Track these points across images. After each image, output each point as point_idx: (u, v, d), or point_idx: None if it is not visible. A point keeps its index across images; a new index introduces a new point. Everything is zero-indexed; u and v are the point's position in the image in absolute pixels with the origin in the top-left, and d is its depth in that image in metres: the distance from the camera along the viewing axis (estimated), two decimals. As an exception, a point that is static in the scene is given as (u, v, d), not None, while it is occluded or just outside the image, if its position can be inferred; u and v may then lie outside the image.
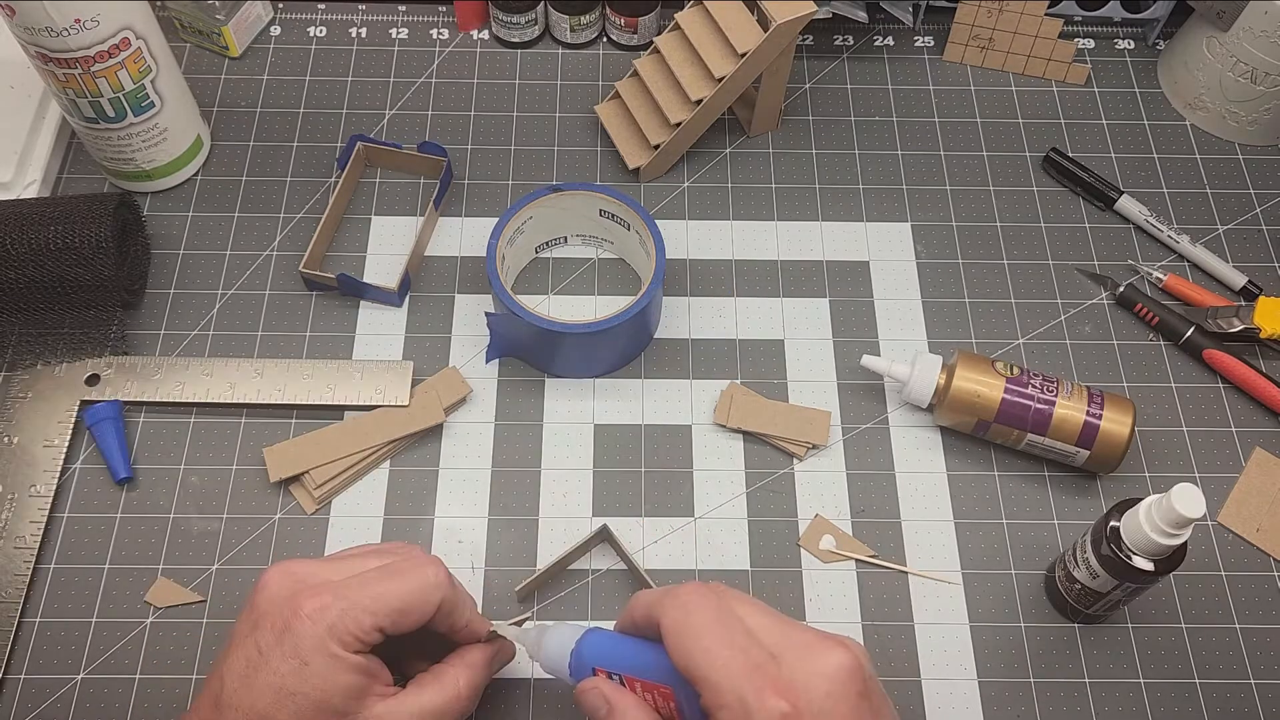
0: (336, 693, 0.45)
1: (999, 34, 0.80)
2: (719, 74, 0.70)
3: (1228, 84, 0.76)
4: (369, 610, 0.46)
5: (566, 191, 0.68)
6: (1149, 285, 0.73)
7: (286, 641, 0.45)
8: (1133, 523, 0.53)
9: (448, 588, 0.49)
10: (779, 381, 0.68)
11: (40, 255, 0.64)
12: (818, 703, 0.40)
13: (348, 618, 0.46)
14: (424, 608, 0.48)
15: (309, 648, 0.45)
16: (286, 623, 0.46)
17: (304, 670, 0.45)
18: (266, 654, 0.46)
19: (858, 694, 0.41)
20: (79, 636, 0.59)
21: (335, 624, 0.46)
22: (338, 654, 0.46)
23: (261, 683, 0.45)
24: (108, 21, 0.63)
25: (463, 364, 0.68)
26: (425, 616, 0.48)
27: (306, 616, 0.46)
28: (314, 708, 0.45)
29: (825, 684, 0.40)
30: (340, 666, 0.46)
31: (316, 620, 0.46)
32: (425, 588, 0.48)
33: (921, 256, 0.73)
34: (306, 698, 0.45)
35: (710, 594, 0.44)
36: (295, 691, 0.45)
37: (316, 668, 0.45)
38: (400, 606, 0.47)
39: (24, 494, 0.62)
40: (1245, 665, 0.60)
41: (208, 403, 0.65)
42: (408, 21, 0.83)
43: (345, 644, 0.46)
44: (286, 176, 0.75)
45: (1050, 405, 0.62)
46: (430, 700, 0.48)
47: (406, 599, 0.48)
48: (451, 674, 0.50)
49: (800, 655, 0.41)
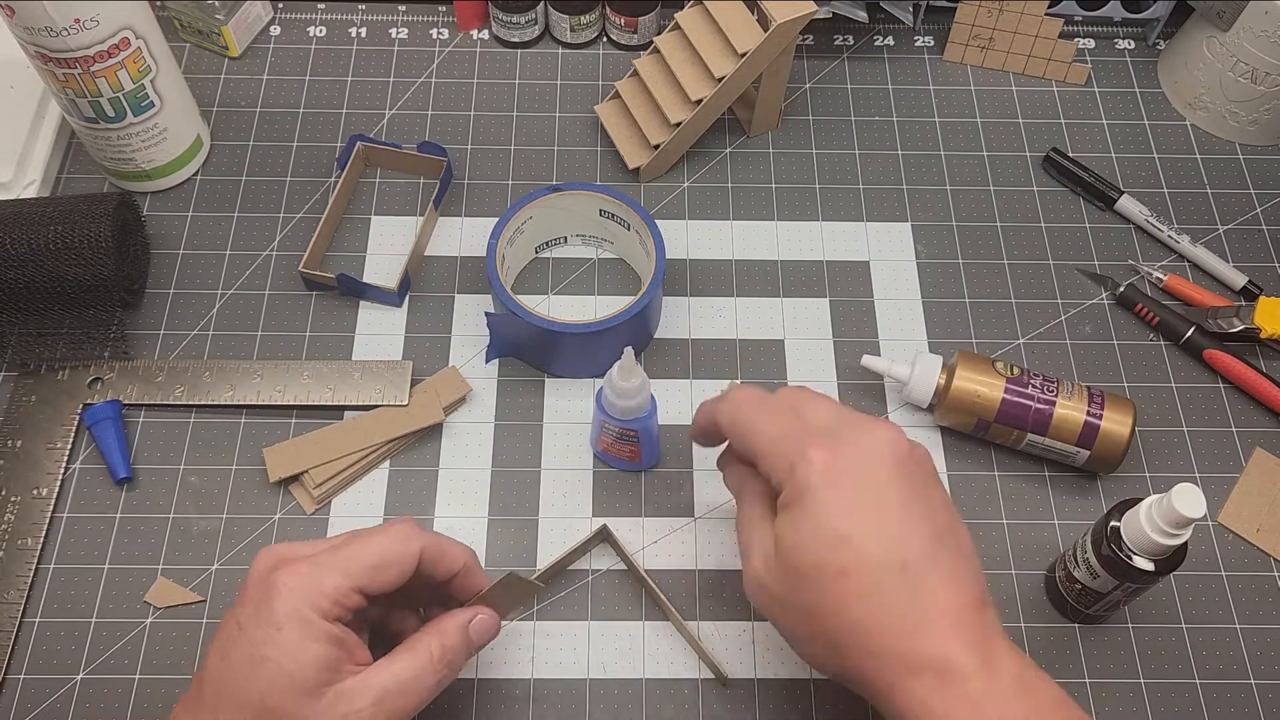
0: (308, 662, 0.45)
1: (999, 34, 0.80)
2: (719, 74, 0.70)
3: (1228, 84, 0.76)
4: (344, 571, 0.46)
5: (566, 191, 0.68)
6: (1149, 285, 0.73)
7: (263, 611, 0.46)
8: (1133, 523, 0.53)
9: (424, 537, 0.49)
10: (779, 381, 0.68)
11: (40, 255, 0.64)
12: (857, 457, 0.46)
13: (324, 582, 0.46)
14: (402, 561, 0.48)
15: (283, 615, 0.45)
16: (265, 594, 0.46)
17: (277, 637, 0.45)
18: (244, 626, 0.46)
19: (894, 460, 0.46)
20: (79, 636, 0.59)
21: (311, 590, 0.46)
22: (311, 620, 0.45)
23: (238, 654, 0.45)
24: (107, 21, 0.63)
25: (462, 364, 0.68)
26: (406, 568, 0.48)
27: (283, 586, 0.46)
28: (286, 677, 0.45)
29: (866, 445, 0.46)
30: (313, 634, 0.45)
31: (293, 588, 0.46)
32: (398, 539, 0.48)
33: (921, 256, 0.73)
34: (278, 665, 0.45)
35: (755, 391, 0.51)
36: (267, 658, 0.45)
37: (289, 634, 0.45)
38: (375, 562, 0.47)
39: (27, 496, 0.62)
40: (1245, 665, 0.60)
41: (208, 404, 0.65)
42: (408, 21, 0.83)
43: (322, 610, 0.46)
44: (286, 176, 0.75)
45: (1050, 405, 0.62)
46: (402, 670, 0.47)
47: (381, 553, 0.48)
48: (424, 642, 0.49)
49: (849, 428, 0.47)
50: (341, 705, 0.45)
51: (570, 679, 0.59)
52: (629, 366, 0.56)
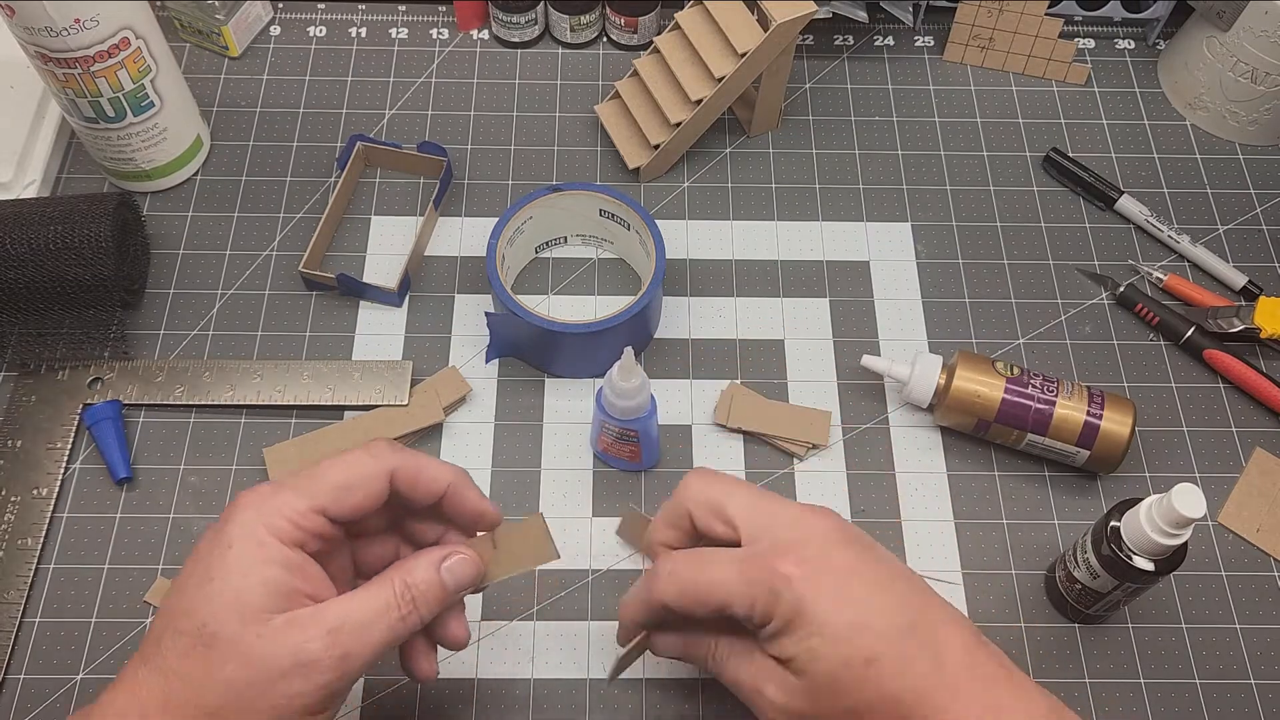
0: (255, 583, 0.42)
1: (999, 34, 0.80)
2: (719, 74, 0.70)
3: (1228, 84, 0.76)
4: (305, 492, 0.44)
5: (566, 191, 0.68)
6: (1149, 285, 0.73)
7: (220, 534, 0.43)
8: (1133, 523, 0.53)
9: (398, 455, 0.46)
10: (779, 381, 0.68)
11: (40, 255, 0.64)
12: (818, 551, 0.46)
13: (281, 503, 0.43)
14: (369, 480, 0.45)
15: (236, 534, 0.43)
16: (224, 517, 0.44)
17: (226, 555, 0.42)
18: (200, 550, 0.43)
19: (845, 539, 0.47)
20: (79, 636, 0.59)
21: (267, 510, 0.43)
22: (265, 541, 0.42)
23: (187, 580, 0.43)
24: (107, 21, 0.63)
25: (462, 364, 0.68)
26: (374, 489, 0.45)
27: (240, 506, 0.43)
28: (229, 597, 0.41)
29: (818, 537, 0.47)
30: (264, 555, 0.42)
31: (249, 507, 0.43)
32: (365, 456, 0.45)
33: (921, 256, 0.73)
34: (223, 584, 0.42)
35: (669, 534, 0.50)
36: (214, 577, 0.42)
37: (237, 553, 0.42)
38: (339, 481, 0.44)
39: (27, 496, 0.62)
40: (1245, 665, 0.60)
41: (208, 404, 0.65)
42: (408, 21, 0.83)
43: (278, 531, 0.43)
44: (286, 176, 0.75)
45: (1050, 405, 0.62)
46: (360, 604, 0.43)
47: (346, 472, 0.45)
48: (388, 577, 0.45)
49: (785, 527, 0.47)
50: (290, 635, 0.42)
51: (570, 679, 0.59)
52: (629, 367, 0.56)
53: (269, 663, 0.41)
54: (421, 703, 0.58)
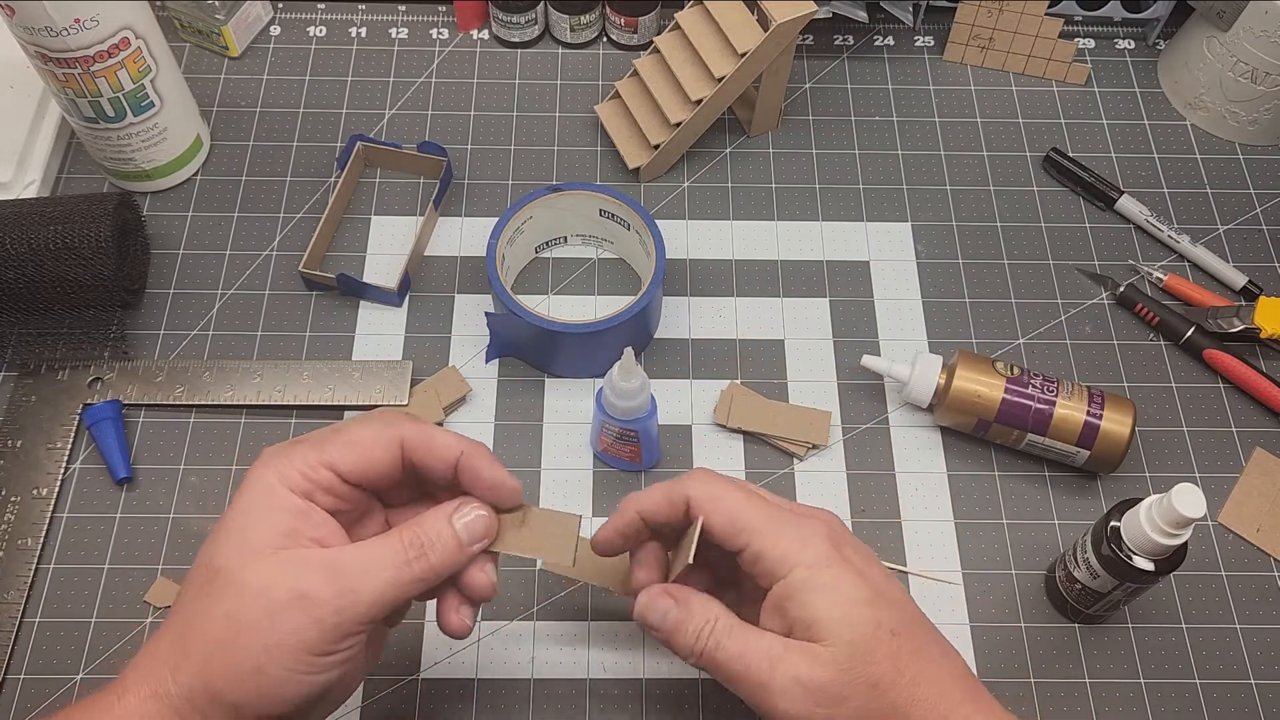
0: (261, 522, 0.43)
1: (999, 34, 0.80)
2: (719, 74, 0.70)
3: (1228, 84, 0.76)
4: (316, 447, 0.45)
5: (566, 191, 0.68)
6: (1149, 285, 0.73)
7: (240, 488, 0.45)
8: (1133, 523, 0.53)
9: (409, 423, 0.46)
10: (779, 381, 0.68)
11: (40, 255, 0.64)
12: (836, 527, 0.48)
13: (294, 455, 0.45)
14: (378, 442, 0.46)
15: (250, 481, 0.44)
16: (246, 474, 0.45)
17: (238, 501, 0.44)
18: (225, 513, 0.45)
19: (848, 531, 0.49)
20: (79, 636, 0.59)
21: (280, 461, 0.44)
22: (274, 487, 0.44)
23: (215, 532, 0.44)
24: (107, 21, 0.63)
25: (462, 364, 0.68)
26: (383, 452, 0.46)
27: (258, 462, 0.45)
28: (236, 533, 0.43)
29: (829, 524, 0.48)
30: (271, 500, 0.43)
31: (263, 462, 0.45)
32: (377, 419, 0.46)
33: (921, 256, 0.73)
34: (231, 522, 0.43)
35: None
36: (227, 521, 0.44)
37: (248, 498, 0.44)
38: (349, 439, 0.45)
39: (27, 496, 0.62)
40: (1245, 665, 0.60)
41: (208, 404, 0.65)
42: (408, 21, 0.83)
43: (288, 480, 0.44)
44: (286, 176, 0.75)
45: (1050, 405, 0.62)
46: (364, 549, 0.44)
47: (357, 432, 0.46)
48: (395, 531, 0.45)
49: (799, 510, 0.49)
50: (288, 568, 0.42)
51: (570, 679, 0.59)
52: (629, 367, 0.56)
53: (267, 594, 0.42)
54: (421, 703, 0.58)
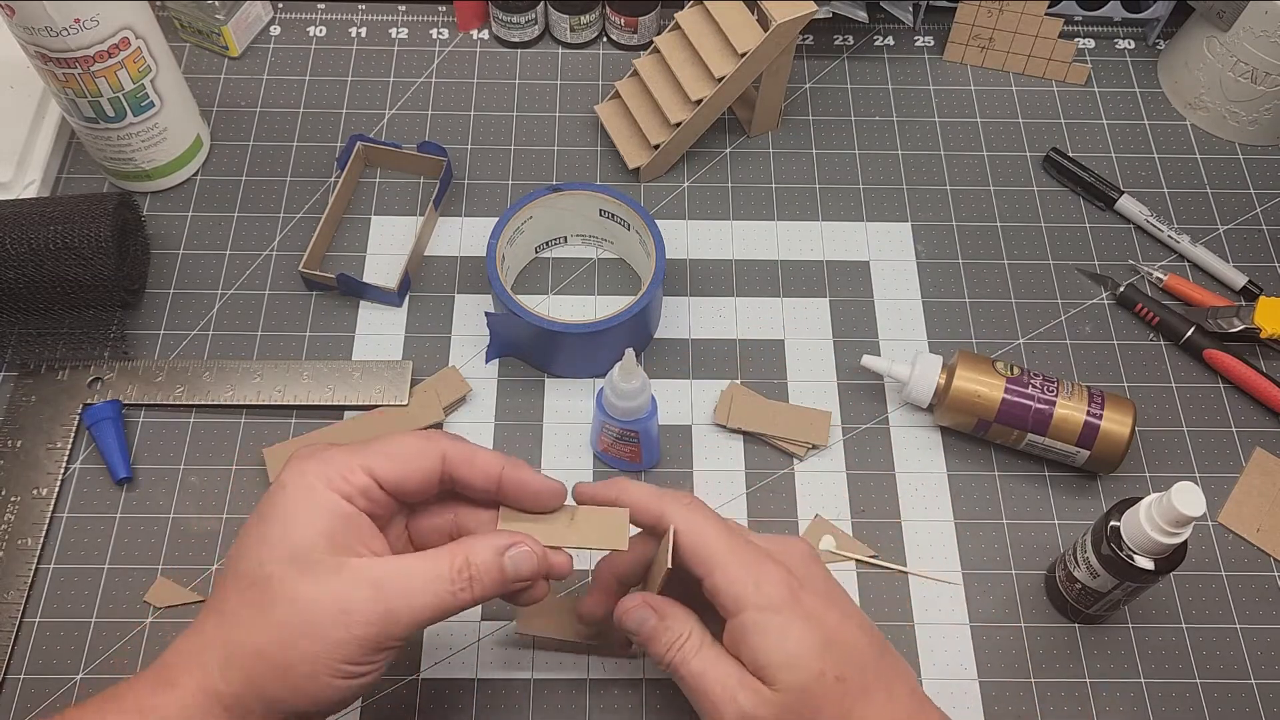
0: (306, 525, 0.43)
1: (999, 34, 0.80)
2: (719, 74, 0.70)
3: (1228, 84, 0.76)
4: (357, 453, 0.45)
5: (566, 191, 0.68)
6: (1149, 285, 0.73)
7: (277, 484, 0.45)
8: (1133, 521, 0.53)
9: (450, 440, 0.47)
10: (779, 381, 0.68)
11: (40, 255, 0.64)
12: (800, 568, 0.48)
13: (334, 457, 0.45)
14: (419, 455, 0.46)
15: (290, 481, 0.44)
16: (282, 472, 0.45)
17: (280, 498, 0.44)
18: (261, 506, 0.45)
19: (817, 561, 0.50)
20: (79, 636, 0.59)
21: (320, 462, 0.45)
22: (316, 486, 0.44)
23: (250, 526, 0.44)
24: (107, 21, 0.63)
25: (462, 364, 0.68)
26: (424, 465, 0.46)
27: (296, 458, 0.45)
28: (281, 536, 0.43)
29: (797, 555, 0.49)
30: (315, 500, 0.44)
31: (302, 459, 0.45)
32: (420, 435, 0.47)
33: (921, 256, 0.73)
34: (276, 523, 0.43)
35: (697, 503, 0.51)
36: (268, 519, 0.43)
37: (291, 496, 0.44)
38: (391, 451, 0.46)
39: (27, 496, 0.62)
40: (1246, 665, 0.60)
41: (208, 404, 0.65)
42: (408, 21, 0.83)
43: (328, 480, 0.44)
44: (286, 176, 0.75)
45: (1050, 405, 0.62)
46: (412, 567, 0.44)
47: (400, 443, 0.46)
48: (448, 550, 0.45)
49: (773, 544, 0.49)
50: (336, 582, 0.42)
51: (570, 679, 0.59)
52: (630, 368, 0.56)
53: (315, 607, 0.42)
54: (421, 703, 0.58)
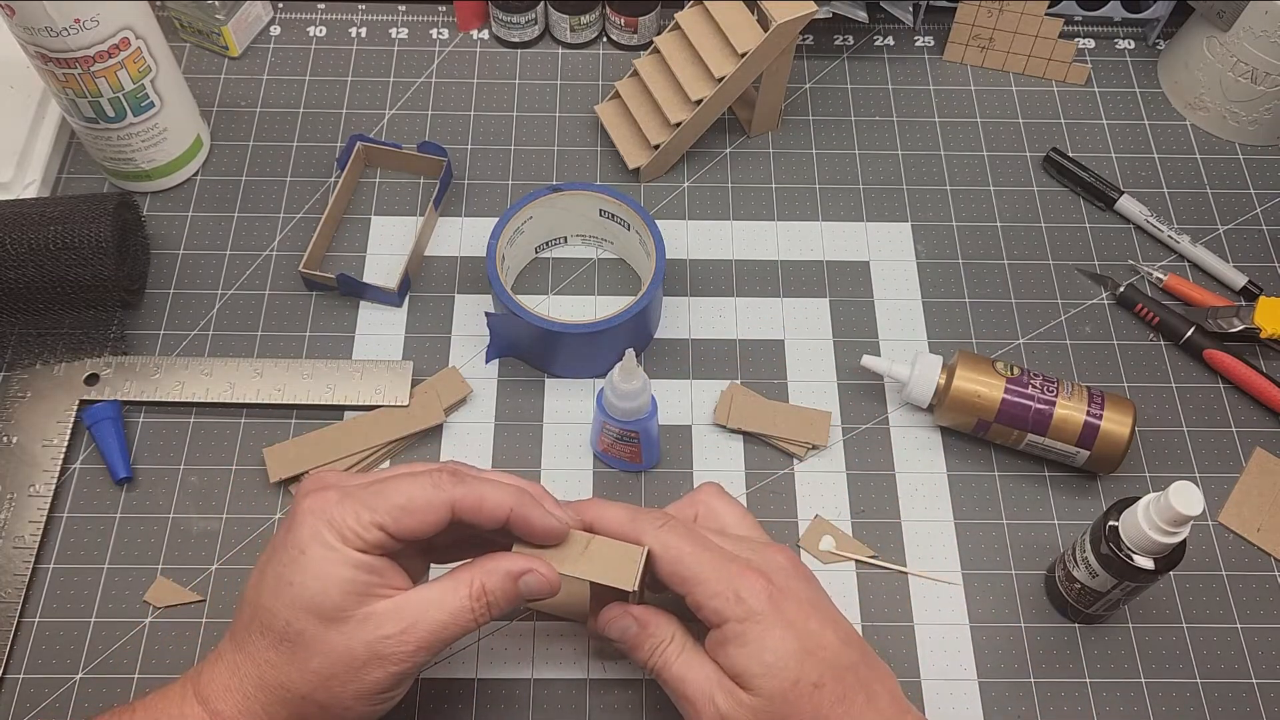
0: (331, 586, 0.45)
1: (999, 34, 0.80)
2: (719, 74, 0.70)
3: (1228, 84, 0.76)
4: (368, 506, 0.46)
5: (566, 191, 0.68)
6: (1149, 285, 0.73)
7: (291, 533, 0.46)
8: (1131, 521, 0.53)
9: (459, 488, 0.47)
10: (779, 381, 0.68)
11: (40, 255, 0.64)
12: (783, 577, 0.49)
13: (346, 511, 0.46)
14: (429, 509, 0.47)
15: (306, 538, 0.46)
16: (292, 518, 0.47)
17: (301, 559, 0.46)
18: (275, 548, 0.47)
19: (801, 573, 0.50)
20: (78, 636, 0.59)
21: (333, 517, 0.46)
22: (333, 545, 0.46)
23: (269, 574, 0.46)
24: (107, 21, 0.63)
25: (463, 364, 0.68)
26: (434, 517, 0.47)
27: (305, 511, 0.47)
28: (309, 599, 0.45)
29: (779, 565, 0.49)
30: (335, 559, 0.45)
31: (315, 513, 0.46)
32: (428, 485, 0.47)
33: (921, 256, 0.73)
34: (303, 587, 0.45)
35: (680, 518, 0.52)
36: (292, 581, 0.45)
37: (312, 557, 0.45)
38: (401, 503, 0.46)
39: (23, 494, 0.62)
40: (1246, 665, 0.60)
41: (207, 403, 0.65)
42: (408, 21, 0.83)
43: (345, 538, 0.46)
44: (286, 176, 0.75)
45: (1050, 405, 0.62)
46: (435, 600, 0.47)
47: (409, 496, 0.47)
48: (466, 577, 0.48)
49: (754, 553, 0.50)
50: (369, 630, 0.45)
51: (570, 679, 0.59)
52: (630, 368, 0.56)
53: (349, 656, 0.45)
54: (421, 703, 0.57)
